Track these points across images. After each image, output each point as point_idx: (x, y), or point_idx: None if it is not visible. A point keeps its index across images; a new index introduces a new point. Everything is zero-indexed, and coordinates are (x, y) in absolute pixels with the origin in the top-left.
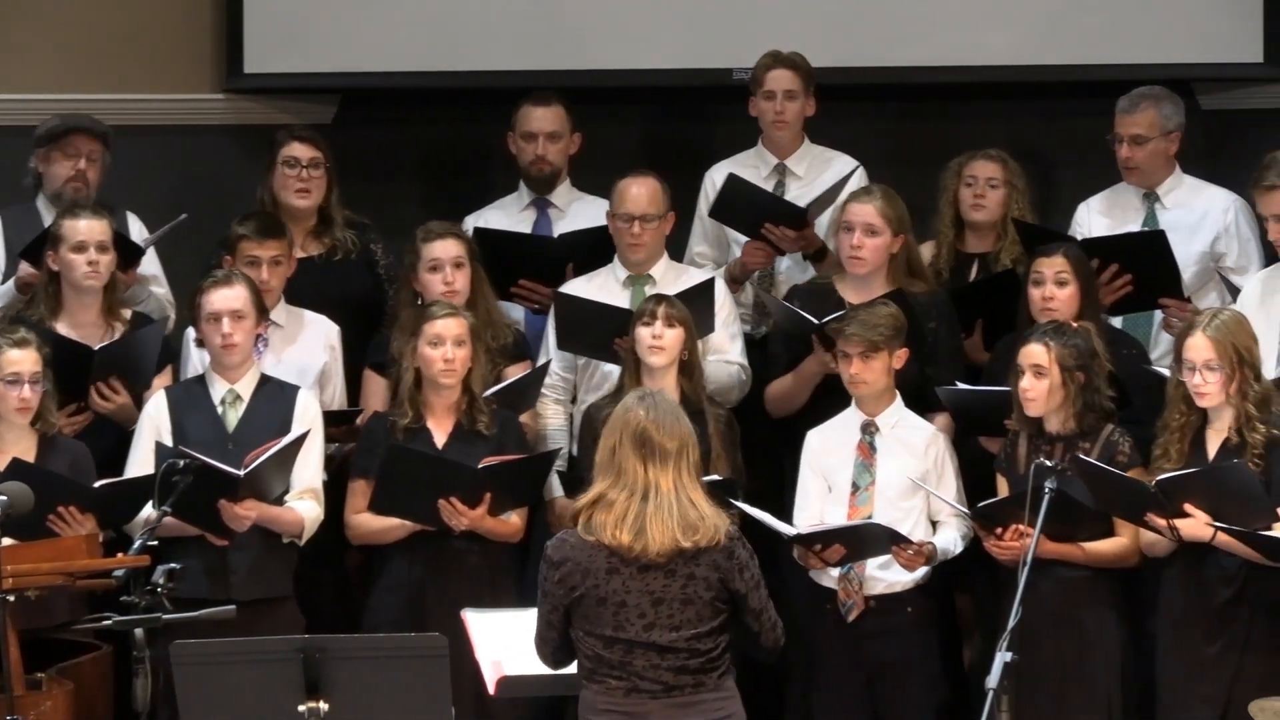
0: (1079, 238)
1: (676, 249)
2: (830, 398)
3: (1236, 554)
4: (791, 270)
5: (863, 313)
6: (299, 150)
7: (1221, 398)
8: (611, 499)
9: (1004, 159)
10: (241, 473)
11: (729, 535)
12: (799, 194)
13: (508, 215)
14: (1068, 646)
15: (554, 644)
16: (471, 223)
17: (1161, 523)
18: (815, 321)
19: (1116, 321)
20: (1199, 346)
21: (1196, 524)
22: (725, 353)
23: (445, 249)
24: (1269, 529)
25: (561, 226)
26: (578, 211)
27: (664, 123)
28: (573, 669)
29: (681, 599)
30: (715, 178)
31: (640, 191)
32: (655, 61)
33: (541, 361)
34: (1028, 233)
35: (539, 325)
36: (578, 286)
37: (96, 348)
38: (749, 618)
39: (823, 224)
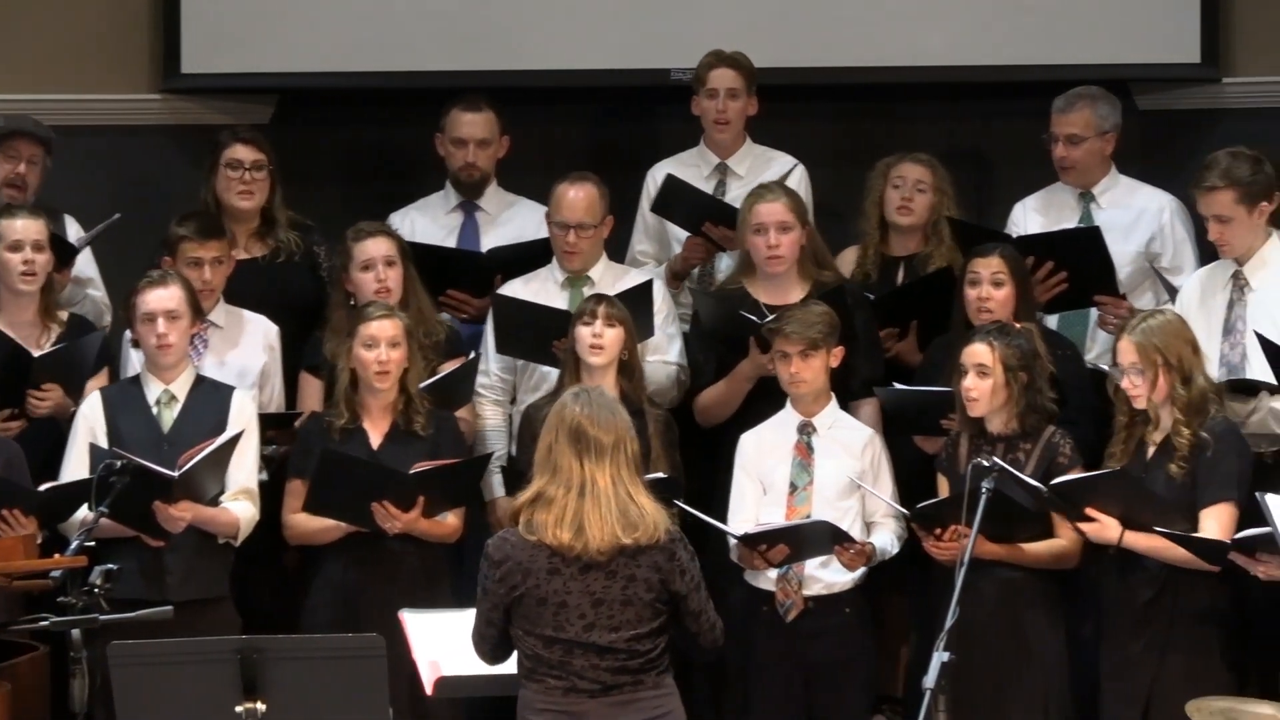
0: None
1: (619, 247)
2: (761, 400)
3: (1153, 556)
4: (731, 269)
5: (800, 312)
6: (242, 152)
7: (1149, 399)
8: (550, 496)
9: (932, 163)
10: (175, 474)
11: (670, 534)
12: (740, 193)
13: (433, 217)
14: (1006, 647)
15: (493, 641)
16: (395, 221)
17: (1073, 530)
18: (758, 321)
19: (1051, 322)
20: (1124, 349)
21: (1101, 527)
22: (664, 353)
23: (377, 247)
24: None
25: (489, 230)
26: (507, 215)
27: (606, 123)
28: (511, 669)
29: (622, 600)
30: (657, 176)
31: (577, 199)
32: (595, 62)
33: (481, 366)
34: (963, 232)
35: (472, 325)
36: (516, 288)
37: (36, 355)
38: (688, 619)
39: None
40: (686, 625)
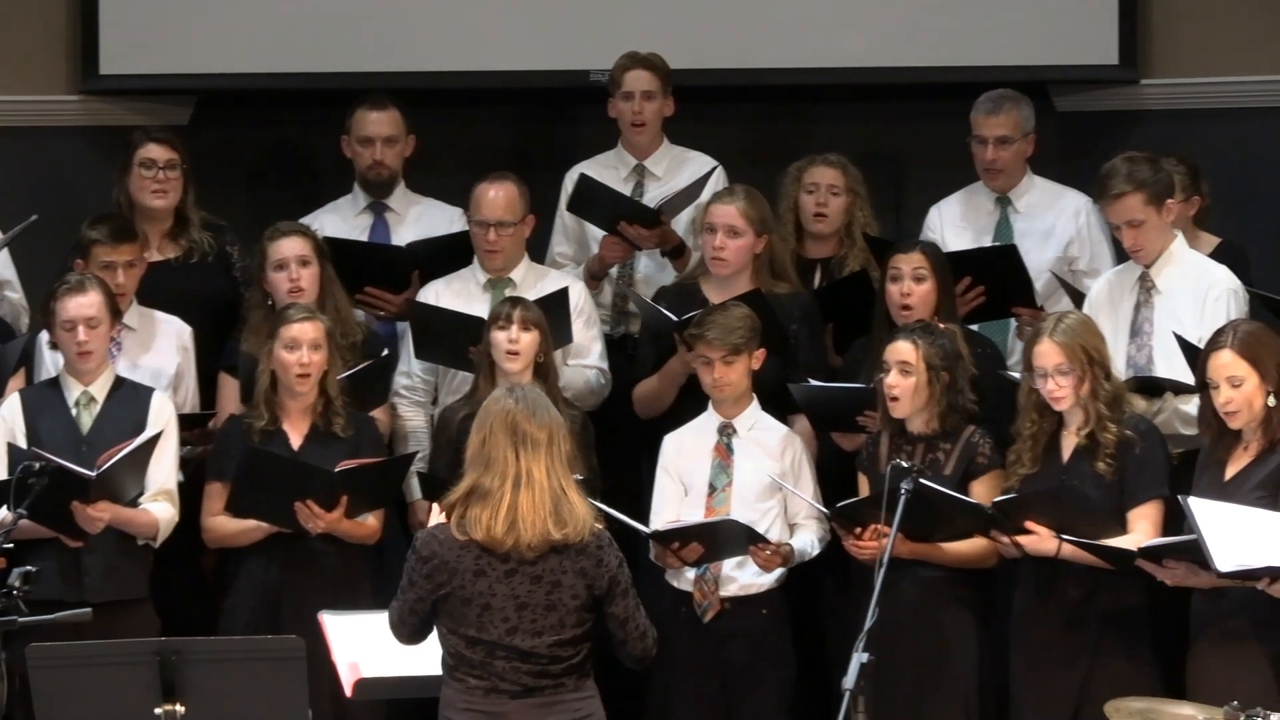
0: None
1: (539, 249)
2: (689, 400)
3: (1086, 563)
4: (650, 269)
5: (720, 317)
6: (155, 152)
7: (1074, 400)
8: (486, 488)
9: (844, 165)
10: (93, 474)
11: (598, 537)
12: (658, 194)
13: (343, 219)
14: (926, 646)
15: (414, 627)
16: (307, 224)
17: (1006, 540)
18: (675, 319)
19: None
20: (1048, 353)
21: (1040, 540)
22: (585, 356)
23: (291, 247)
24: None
25: (399, 230)
26: (416, 215)
27: (525, 124)
28: (432, 670)
29: (546, 605)
30: (575, 177)
31: (497, 197)
32: (514, 63)
33: (401, 368)
34: (879, 247)
35: (390, 325)
36: (437, 290)
37: None
38: (614, 625)
39: (681, 222)
40: (614, 632)
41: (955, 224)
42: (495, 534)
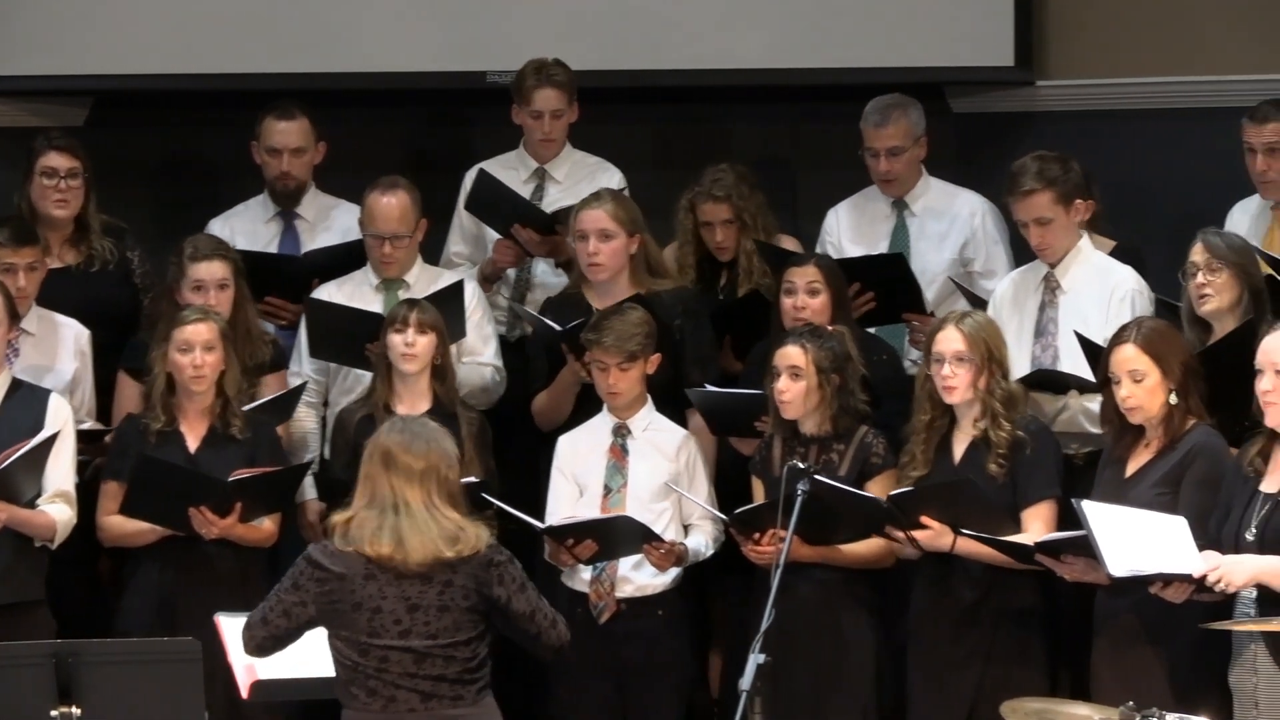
0: (828, 245)
1: (435, 249)
2: (583, 401)
3: (980, 560)
4: (546, 274)
5: (615, 323)
6: (57, 160)
7: (969, 393)
8: (364, 516)
9: (729, 195)
10: None
11: (487, 544)
12: (558, 198)
13: (252, 224)
14: (824, 648)
15: (275, 631)
16: (215, 228)
17: (900, 535)
18: (559, 329)
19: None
20: (950, 339)
21: (935, 535)
22: (479, 355)
23: (211, 271)
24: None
25: (310, 236)
26: (327, 220)
27: (423, 125)
28: (328, 671)
29: (438, 606)
30: (475, 175)
31: (390, 209)
32: (412, 65)
33: (293, 369)
34: (772, 256)
35: (293, 337)
36: (329, 292)
37: None
38: (521, 621)
39: None
40: (523, 629)
41: (852, 227)
42: (382, 551)
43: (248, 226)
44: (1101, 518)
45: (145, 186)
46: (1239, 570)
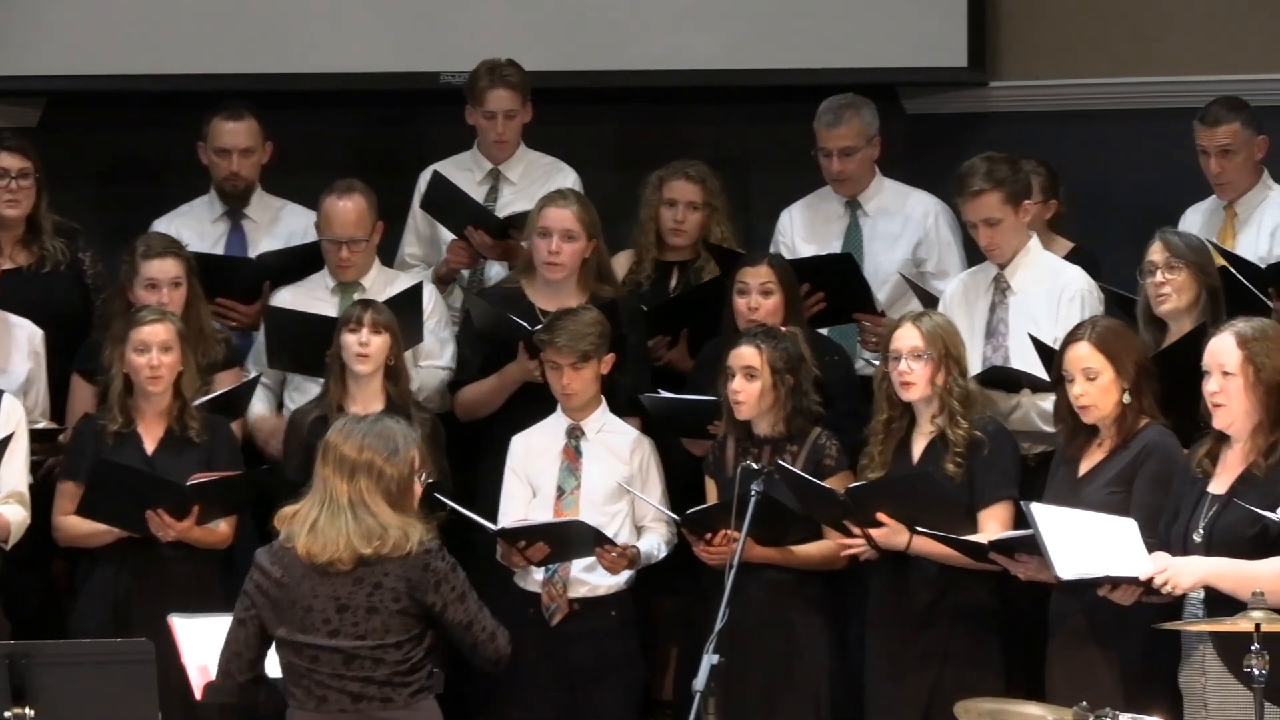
0: (782, 245)
1: (390, 250)
2: (533, 402)
3: (935, 559)
4: (500, 277)
5: (570, 323)
6: (8, 160)
7: (927, 390)
8: (304, 511)
9: (703, 178)
10: None
11: (425, 546)
12: (512, 200)
13: (198, 224)
14: (776, 648)
15: (237, 646)
16: (161, 228)
17: (857, 532)
18: (528, 328)
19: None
20: (908, 336)
21: (891, 532)
22: (436, 358)
23: (164, 270)
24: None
25: (257, 238)
26: (274, 221)
27: (377, 125)
28: (277, 673)
29: (367, 607)
30: (429, 175)
31: (347, 213)
32: (364, 65)
33: (253, 372)
34: (723, 257)
35: (243, 337)
36: (285, 297)
37: None
38: (457, 631)
39: None
40: (460, 639)
41: (805, 228)
42: (308, 547)
43: (194, 226)
44: (1050, 520)
45: (98, 186)
46: (1186, 573)
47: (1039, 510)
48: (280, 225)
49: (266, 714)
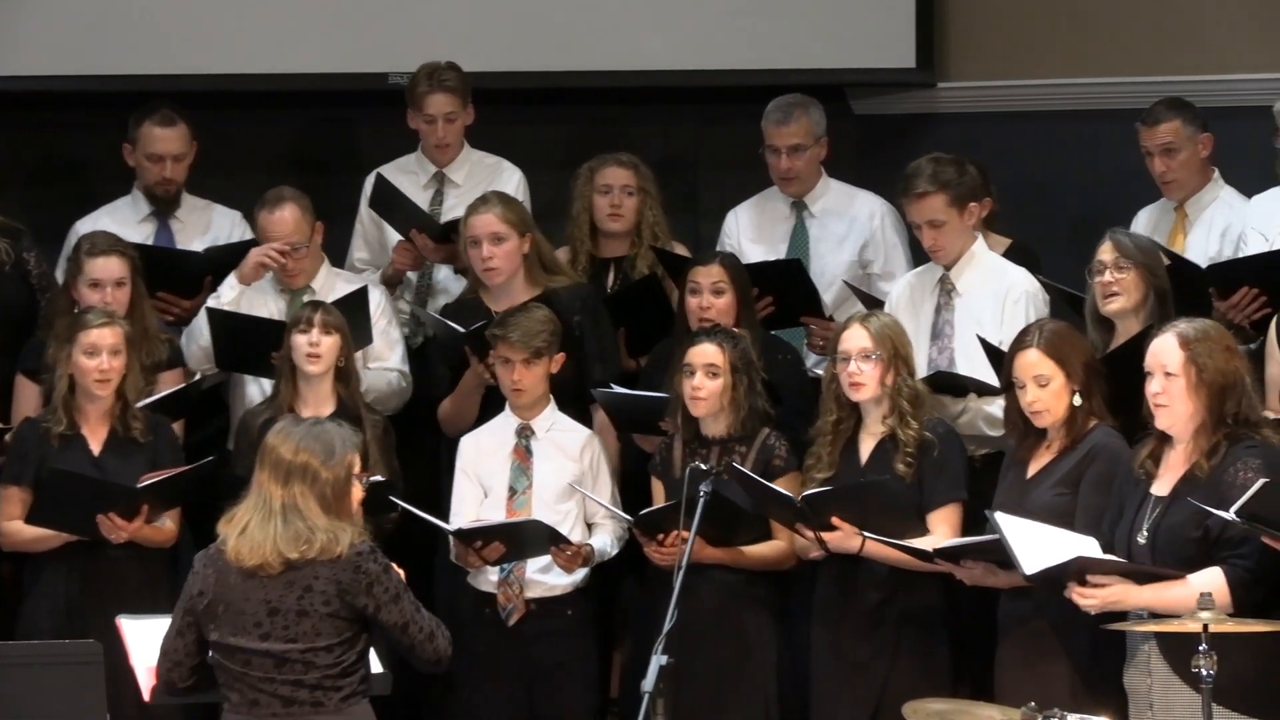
0: (728, 246)
1: (340, 252)
2: (489, 404)
3: (886, 562)
4: (448, 279)
5: (522, 319)
6: None
7: (877, 390)
8: (239, 514)
9: (635, 164)
10: None
11: (355, 549)
12: (458, 202)
13: (123, 225)
14: (725, 648)
15: (177, 655)
16: (84, 228)
17: (810, 534)
18: (462, 330)
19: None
20: (856, 336)
21: (844, 536)
22: (385, 360)
23: (108, 269)
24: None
25: (186, 237)
26: (204, 222)
27: (320, 127)
28: None
29: (297, 610)
30: (374, 179)
31: (284, 223)
32: (302, 66)
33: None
34: (671, 263)
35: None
36: (233, 300)
37: None
38: (395, 633)
39: None
40: (398, 640)
41: (751, 229)
42: (239, 553)
43: (120, 227)
44: (1013, 526)
45: (23, 186)
46: (1129, 600)
47: (1002, 518)
48: (210, 227)
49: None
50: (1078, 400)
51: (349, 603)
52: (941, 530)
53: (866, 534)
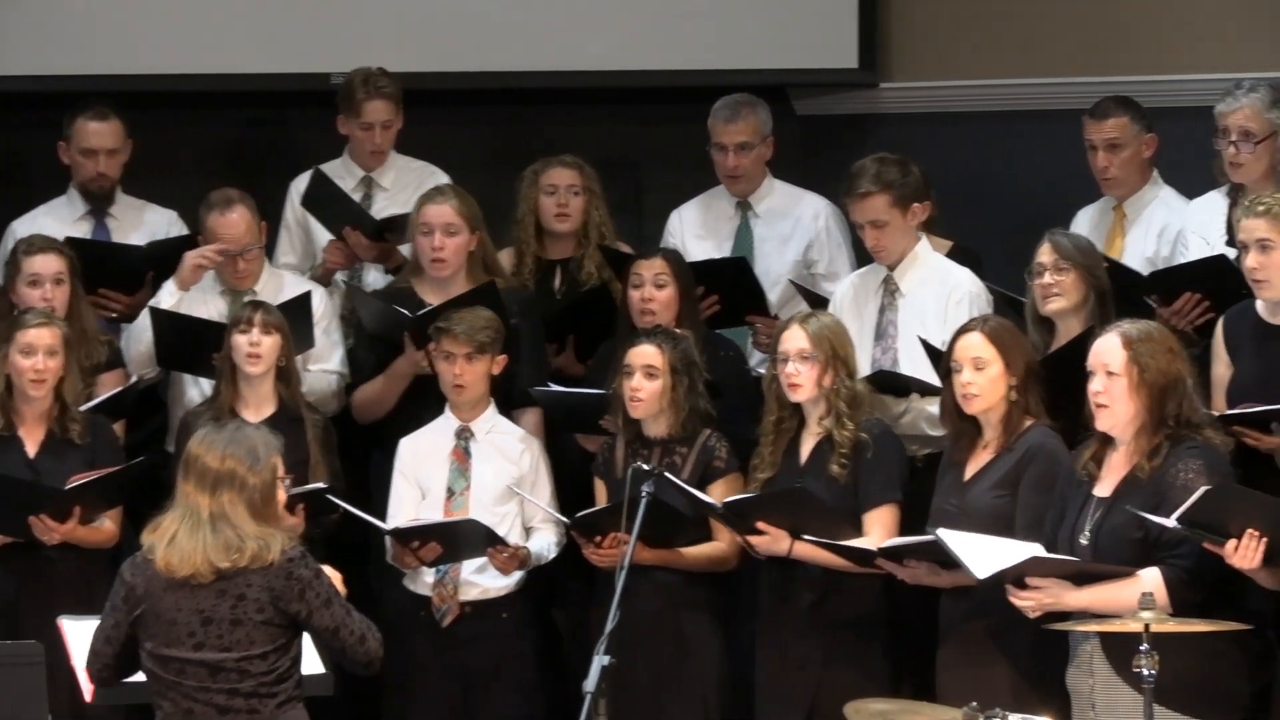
0: (673, 246)
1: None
2: (420, 404)
3: (819, 564)
4: (377, 281)
5: (467, 313)
6: None
7: (814, 391)
8: (165, 524)
9: (579, 165)
10: None
11: (287, 555)
12: (385, 206)
13: (60, 224)
14: (666, 650)
15: (106, 658)
16: (21, 228)
17: (739, 539)
18: (410, 316)
19: None
20: (794, 337)
21: (772, 540)
22: (326, 361)
23: (46, 265)
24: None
25: (122, 235)
26: (139, 220)
27: (252, 127)
28: None
29: (231, 619)
30: (299, 186)
31: (236, 225)
32: (230, 66)
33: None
34: (616, 260)
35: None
36: (175, 301)
37: None
38: (327, 637)
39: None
40: (329, 644)
41: (696, 229)
42: (168, 560)
43: (56, 227)
44: (959, 540)
45: None
46: (1067, 601)
47: (947, 534)
48: (145, 226)
49: None
50: (1014, 395)
51: (282, 609)
52: (876, 532)
53: (804, 536)
